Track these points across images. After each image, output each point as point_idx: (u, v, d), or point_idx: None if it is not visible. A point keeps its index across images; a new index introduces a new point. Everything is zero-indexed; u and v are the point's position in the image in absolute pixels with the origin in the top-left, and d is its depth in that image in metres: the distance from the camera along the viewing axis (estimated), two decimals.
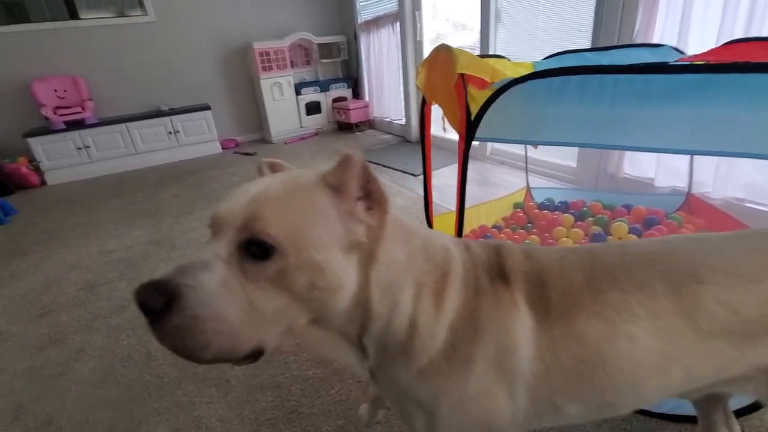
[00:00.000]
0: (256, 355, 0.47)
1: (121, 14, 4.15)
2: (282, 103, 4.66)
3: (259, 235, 0.44)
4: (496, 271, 0.59)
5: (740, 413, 0.90)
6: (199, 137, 4.46)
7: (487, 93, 0.92)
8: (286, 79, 4.61)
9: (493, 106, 0.93)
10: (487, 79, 1.00)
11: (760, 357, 0.55)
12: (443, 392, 0.55)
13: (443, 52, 1.17)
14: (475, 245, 0.63)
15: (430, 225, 1.63)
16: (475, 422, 0.55)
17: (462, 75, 1.01)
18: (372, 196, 0.51)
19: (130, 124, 4.14)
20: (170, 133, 4.30)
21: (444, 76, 1.15)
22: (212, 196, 3.13)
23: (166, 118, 4.27)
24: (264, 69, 4.43)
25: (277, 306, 0.46)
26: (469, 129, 0.95)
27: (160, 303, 0.41)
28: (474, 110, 0.95)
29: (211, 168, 3.96)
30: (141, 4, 4.21)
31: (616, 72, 0.77)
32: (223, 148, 4.64)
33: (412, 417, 0.58)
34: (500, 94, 0.90)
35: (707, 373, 0.56)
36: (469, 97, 0.97)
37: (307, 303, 0.48)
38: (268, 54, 4.41)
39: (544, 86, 0.86)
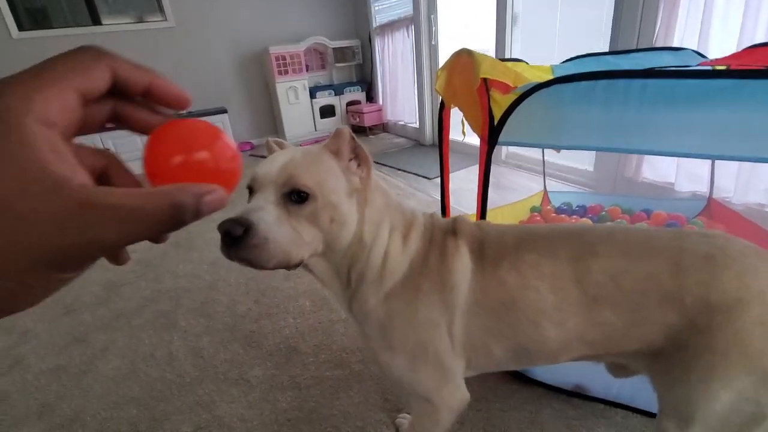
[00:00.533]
0: (298, 264, 0.64)
1: (141, 20, 4.25)
2: (297, 106, 4.71)
3: (301, 187, 0.62)
4: (450, 230, 0.76)
5: None
6: None
7: (511, 97, 0.93)
8: (302, 83, 4.66)
9: (516, 110, 0.93)
10: (510, 84, 1.00)
11: (644, 333, 0.62)
12: (398, 313, 0.71)
13: (464, 56, 1.18)
14: (440, 217, 0.81)
15: None
16: (421, 342, 0.71)
17: (485, 79, 1.01)
18: (360, 157, 0.69)
19: None
20: None
21: (465, 80, 1.16)
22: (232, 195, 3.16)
23: None
24: (280, 73, 4.48)
25: (311, 234, 0.64)
26: (492, 133, 0.96)
27: (240, 231, 0.57)
28: (497, 114, 0.95)
29: None
30: (161, 10, 4.30)
31: (644, 77, 0.77)
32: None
33: (372, 338, 0.74)
34: (525, 98, 0.90)
35: (600, 339, 0.65)
36: (492, 102, 0.97)
37: (327, 233, 0.66)
38: (284, 58, 4.47)
39: (569, 90, 0.86)
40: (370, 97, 5.12)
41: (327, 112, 4.93)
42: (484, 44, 3.32)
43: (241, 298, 1.80)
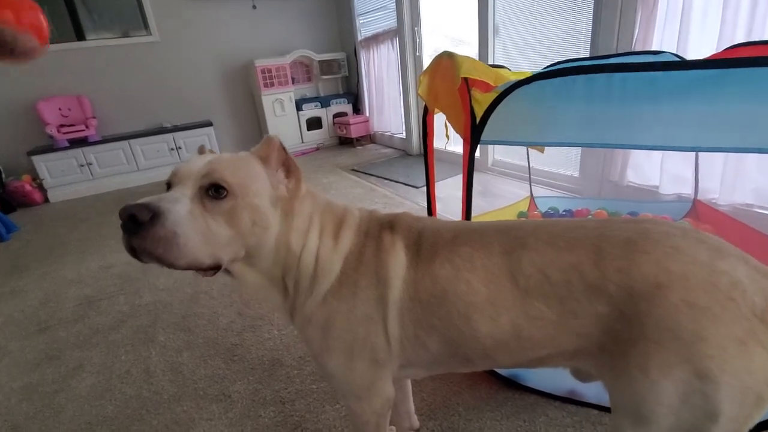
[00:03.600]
0: (215, 268, 0.63)
1: (126, 35, 4.22)
2: (283, 118, 4.69)
3: (219, 180, 0.60)
4: (387, 225, 0.75)
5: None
6: None
7: (492, 96, 0.91)
8: (288, 95, 4.65)
9: (498, 109, 0.92)
10: (491, 83, 0.99)
11: (579, 327, 0.59)
12: (338, 311, 0.70)
13: (445, 59, 1.17)
14: (381, 212, 0.80)
15: None
16: (358, 339, 0.70)
17: (466, 79, 1.00)
18: (289, 168, 0.70)
19: (132, 141, 4.17)
20: (172, 149, 4.32)
21: (447, 82, 1.14)
22: None
23: (169, 135, 4.29)
24: (266, 86, 4.47)
25: (229, 235, 0.62)
26: (474, 132, 0.94)
27: (147, 216, 0.54)
28: (479, 113, 0.94)
29: None
30: (145, 25, 4.28)
31: (623, 70, 0.76)
32: None
33: (312, 341, 0.73)
34: (505, 96, 0.88)
35: (538, 336, 0.63)
36: (474, 101, 0.96)
37: (248, 236, 0.64)
38: (270, 71, 4.47)
39: (549, 87, 0.85)
40: (357, 109, 5.13)
41: (314, 124, 4.92)
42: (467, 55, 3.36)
43: (224, 311, 1.74)
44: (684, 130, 0.80)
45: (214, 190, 0.60)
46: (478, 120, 0.94)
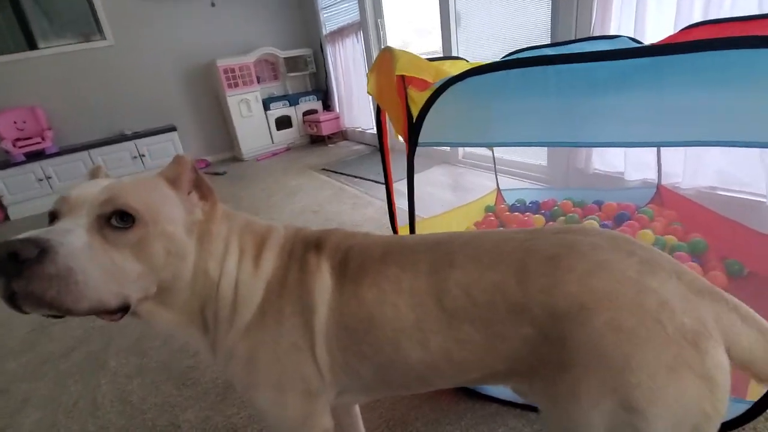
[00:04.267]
0: (124, 309, 0.54)
1: (79, 40, 4.03)
2: (251, 119, 4.56)
3: (124, 207, 0.52)
4: (313, 244, 0.68)
5: (731, 425, 0.82)
6: (166, 160, 4.23)
7: (427, 94, 0.85)
8: (254, 95, 4.51)
9: (435, 108, 0.85)
10: (429, 80, 0.92)
11: (508, 350, 0.54)
12: (262, 343, 0.63)
13: (386, 54, 1.10)
14: (312, 230, 0.74)
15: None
16: (287, 371, 0.63)
17: (403, 77, 0.93)
18: (201, 188, 0.64)
19: (92, 151, 4.00)
20: (135, 157, 4.16)
21: (388, 79, 1.07)
22: None
23: (130, 143, 4.13)
24: (230, 86, 4.33)
25: (138, 270, 0.53)
26: (412, 134, 0.87)
27: (33, 252, 0.44)
28: (415, 113, 0.87)
29: None
30: (99, 29, 4.10)
31: (555, 63, 0.70)
32: None
33: (237, 377, 0.65)
34: (439, 95, 0.82)
35: (470, 358, 0.57)
36: (410, 100, 0.89)
37: (162, 270, 0.56)
38: (233, 70, 4.32)
39: (483, 83, 0.79)
40: (327, 106, 5.02)
41: (283, 123, 4.80)
42: (432, 46, 3.29)
43: None
44: (632, 124, 0.75)
45: (118, 219, 0.52)
46: (415, 120, 0.87)
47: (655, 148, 1.74)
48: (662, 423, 0.44)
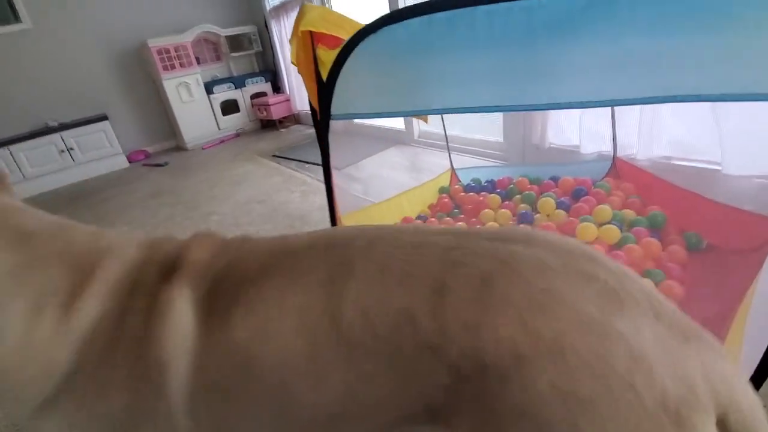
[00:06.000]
0: None
1: None
2: (192, 104, 4.21)
3: None
4: (172, 266, 0.48)
5: None
6: (99, 152, 3.95)
7: (336, 52, 0.68)
8: (194, 78, 4.16)
9: (350, 70, 0.68)
10: (344, 37, 0.75)
11: (421, 396, 0.39)
12: (73, 427, 0.43)
13: (300, 11, 0.92)
14: (177, 242, 0.53)
15: (334, 223, 1.39)
16: None
17: (311, 34, 0.76)
18: None
19: (12, 147, 3.58)
20: (62, 151, 3.76)
21: (302, 42, 0.90)
22: (107, 219, 2.71)
23: (56, 135, 3.73)
24: (165, 68, 3.97)
25: None
26: (322, 101, 0.71)
27: None
28: (325, 76, 0.70)
29: (111, 186, 3.49)
30: (13, 12, 3.62)
31: (483, 2, 0.55)
32: (130, 162, 4.14)
33: None
34: (350, 51, 0.65)
35: (386, 399, 0.41)
36: (318, 62, 0.72)
37: None
38: (168, 51, 3.95)
39: (405, 34, 0.63)
40: (277, 88, 4.73)
41: (229, 108, 4.48)
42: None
43: None
44: (582, 79, 0.61)
45: None
46: (325, 84, 0.71)
47: (609, 119, 1.65)
48: None
